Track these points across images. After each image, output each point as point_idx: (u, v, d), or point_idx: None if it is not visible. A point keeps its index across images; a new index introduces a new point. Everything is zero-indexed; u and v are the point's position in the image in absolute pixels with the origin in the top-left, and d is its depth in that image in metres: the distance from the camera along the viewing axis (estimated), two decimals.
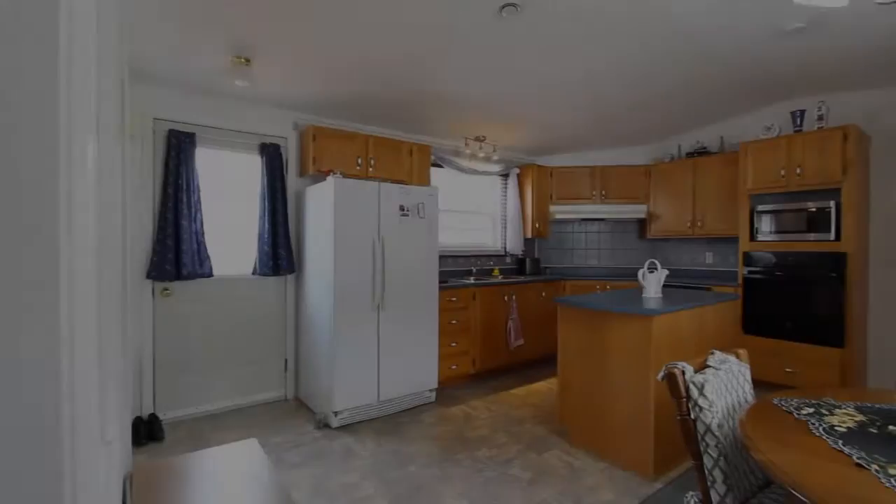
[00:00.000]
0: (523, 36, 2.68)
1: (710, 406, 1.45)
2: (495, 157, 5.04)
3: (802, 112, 3.96)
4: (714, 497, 1.45)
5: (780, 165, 3.86)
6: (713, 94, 3.88)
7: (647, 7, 2.44)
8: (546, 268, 5.62)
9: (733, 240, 4.59)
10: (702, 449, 1.46)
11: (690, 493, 1.57)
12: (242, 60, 2.78)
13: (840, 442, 1.20)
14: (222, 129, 3.45)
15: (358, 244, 3.18)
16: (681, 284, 4.36)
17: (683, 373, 1.49)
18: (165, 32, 2.49)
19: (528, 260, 5.20)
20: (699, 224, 4.65)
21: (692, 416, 1.46)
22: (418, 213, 3.48)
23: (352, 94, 3.46)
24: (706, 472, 1.46)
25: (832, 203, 3.58)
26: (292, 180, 3.74)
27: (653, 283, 3.02)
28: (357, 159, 3.71)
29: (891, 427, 1.30)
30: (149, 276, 3.08)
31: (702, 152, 4.74)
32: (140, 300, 3.11)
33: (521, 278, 4.72)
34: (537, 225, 5.18)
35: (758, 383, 3.84)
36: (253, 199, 3.60)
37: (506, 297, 4.40)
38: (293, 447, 2.85)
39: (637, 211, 5.06)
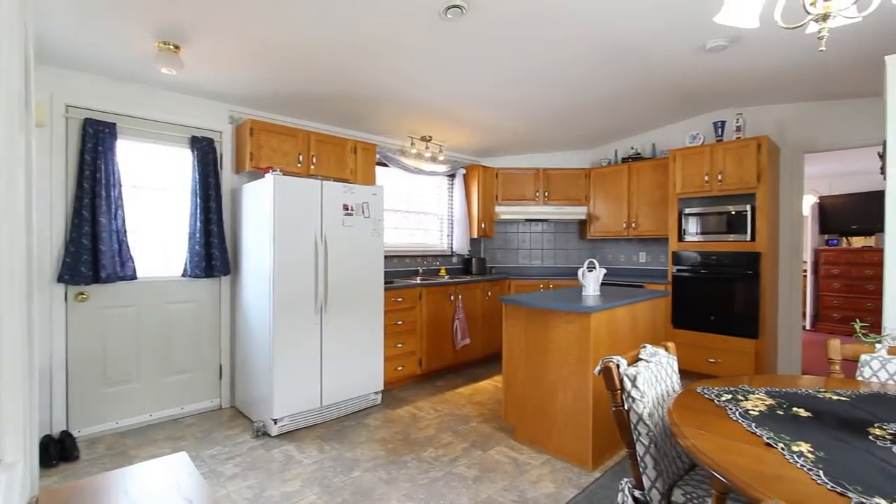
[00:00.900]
0: (467, 38, 2.71)
1: (642, 397, 1.53)
2: (441, 158, 5.06)
3: (723, 123, 4.30)
4: (646, 482, 1.53)
5: (704, 171, 4.17)
6: (646, 103, 4.12)
7: (586, 19, 2.54)
8: (492, 267, 5.72)
9: (664, 240, 4.90)
10: (634, 437, 1.53)
11: (625, 479, 1.65)
12: (170, 47, 2.59)
13: (753, 424, 1.30)
14: (148, 120, 3.20)
15: (299, 244, 3.06)
16: (617, 282, 4.60)
17: (618, 366, 1.56)
18: (80, 8, 2.26)
19: (474, 260, 5.27)
20: (634, 225, 4.93)
21: (626, 407, 1.54)
22: (363, 212, 3.41)
23: (293, 89, 3.33)
24: (638, 459, 1.54)
25: (748, 207, 3.92)
26: (227, 177, 3.54)
27: (591, 282, 3.15)
28: (298, 156, 3.58)
29: (794, 409, 1.43)
30: (61, 279, 2.79)
31: (636, 158, 5.02)
32: (50, 306, 2.81)
33: (468, 278, 4.77)
34: (483, 225, 5.26)
35: (685, 373, 4.13)
36: (184, 195, 3.38)
37: (452, 297, 4.42)
38: (228, 458, 2.70)
39: (578, 212, 5.27)
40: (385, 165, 4.63)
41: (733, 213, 4.00)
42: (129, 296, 3.12)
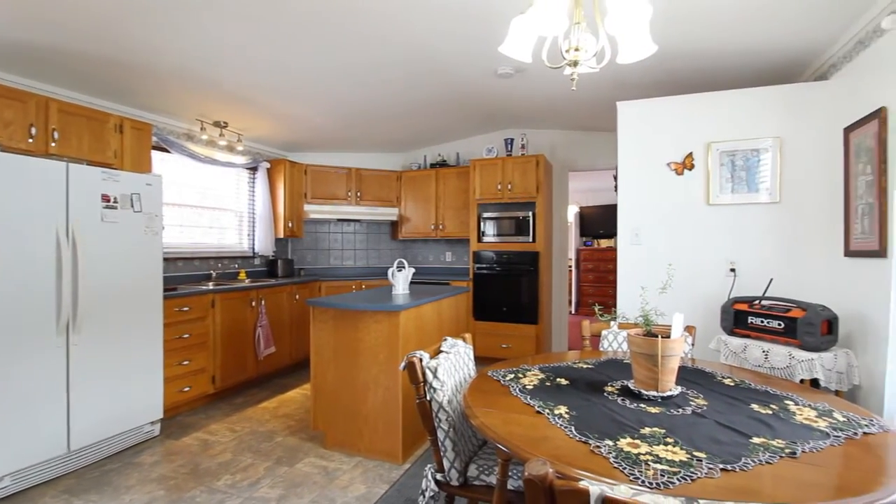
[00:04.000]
0: (270, 16, 2.45)
1: (442, 386, 1.61)
2: (240, 148, 4.54)
3: (512, 140, 4.98)
4: (446, 464, 1.61)
5: (497, 181, 4.74)
6: (451, 115, 4.47)
7: (395, 24, 2.56)
8: (301, 269, 5.40)
9: (467, 241, 5.40)
10: (436, 424, 1.61)
11: (429, 465, 1.71)
12: None
13: (528, 397, 1.50)
14: None
15: (29, 245, 2.32)
16: (426, 281, 4.86)
17: (421, 360, 1.62)
18: None
19: (279, 261, 4.87)
20: (441, 227, 5.29)
21: (428, 398, 1.60)
22: (132, 205, 2.79)
23: (25, 36, 2.49)
24: (440, 444, 1.61)
25: (530, 213, 4.61)
26: None
27: (401, 281, 3.24)
28: (30, 129, 2.71)
29: (558, 379, 1.70)
30: None
31: (442, 164, 5.41)
32: None
33: (272, 281, 4.39)
34: (290, 224, 4.92)
35: (483, 359, 4.62)
36: None
37: (254, 303, 4.00)
38: None
39: (390, 213, 5.40)
40: (166, 151, 3.91)
41: (520, 217, 4.65)
42: None
